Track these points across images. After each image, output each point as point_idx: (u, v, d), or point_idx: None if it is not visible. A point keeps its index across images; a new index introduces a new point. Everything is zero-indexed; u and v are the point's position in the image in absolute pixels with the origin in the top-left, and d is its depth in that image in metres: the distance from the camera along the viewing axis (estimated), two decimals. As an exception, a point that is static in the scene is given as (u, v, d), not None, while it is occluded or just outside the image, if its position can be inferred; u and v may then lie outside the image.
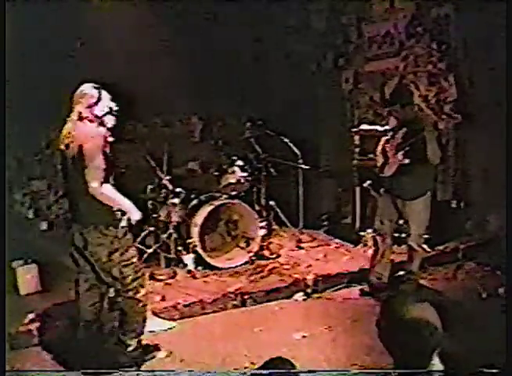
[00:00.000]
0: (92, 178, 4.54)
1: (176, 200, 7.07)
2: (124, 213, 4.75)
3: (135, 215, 4.82)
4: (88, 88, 4.74)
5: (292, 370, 2.83)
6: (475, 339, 4.89)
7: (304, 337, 5.55)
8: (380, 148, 6.18)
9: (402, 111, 5.95)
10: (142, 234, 7.05)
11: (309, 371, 3.00)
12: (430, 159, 5.79)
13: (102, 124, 4.73)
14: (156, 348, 5.24)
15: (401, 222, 6.40)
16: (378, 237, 6.42)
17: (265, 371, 2.82)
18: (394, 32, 8.00)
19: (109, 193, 4.63)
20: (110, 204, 4.65)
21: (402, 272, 6.57)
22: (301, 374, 2.91)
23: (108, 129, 4.75)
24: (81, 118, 4.67)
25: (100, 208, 4.64)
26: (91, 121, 4.68)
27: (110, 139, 4.69)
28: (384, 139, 6.16)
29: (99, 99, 4.74)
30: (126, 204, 4.77)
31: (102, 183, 4.56)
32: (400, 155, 5.88)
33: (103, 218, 4.71)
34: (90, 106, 4.69)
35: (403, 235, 6.43)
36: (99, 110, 4.73)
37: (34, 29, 6.65)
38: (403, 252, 6.67)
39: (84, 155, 4.52)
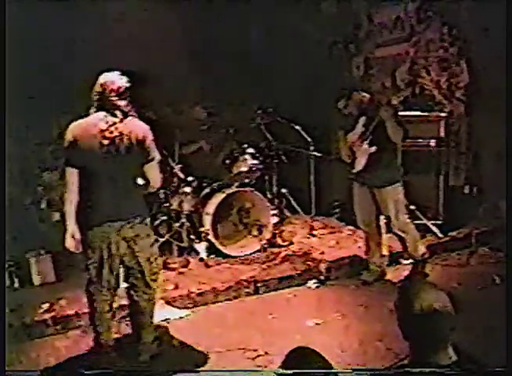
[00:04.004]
0: (158, 169, 4.72)
1: (188, 189, 7.09)
2: None
3: None
4: (118, 80, 4.62)
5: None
6: (489, 325, 4.89)
7: (317, 324, 5.57)
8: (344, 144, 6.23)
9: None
10: (155, 223, 7.08)
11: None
12: (392, 138, 5.81)
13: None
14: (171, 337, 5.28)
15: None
16: (364, 230, 6.51)
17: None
18: (404, 17, 7.95)
19: None
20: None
21: (408, 261, 6.59)
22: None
23: None
24: (126, 114, 4.61)
25: (143, 199, 4.78)
26: (133, 115, 4.66)
27: None
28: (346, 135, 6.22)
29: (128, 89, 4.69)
30: None
31: None
32: (365, 145, 5.93)
33: (146, 208, 4.85)
34: (130, 102, 4.64)
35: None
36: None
37: (43, 16, 6.64)
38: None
39: (149, 149, 4.61)
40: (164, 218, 7.21)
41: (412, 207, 6.86)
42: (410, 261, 6.52)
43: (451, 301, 2.74)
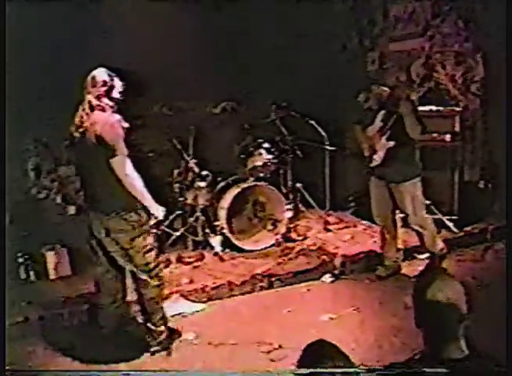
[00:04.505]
0: (122, 166, 4.56)
1: (203, 184, 7.10)
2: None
3: (158, 213, 4.82)
4: (99, 75, 4.66)
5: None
6: (503, 321, 4.87)
7: (331, 318, 5.58)
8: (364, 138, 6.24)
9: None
10: (170, 217, 7.10)
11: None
12: (410, 134, 5.80)
13: (115, 110, 4.69)
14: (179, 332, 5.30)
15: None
16: (380, 225, 6.50)
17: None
18: (419, 11, 7.91)
19: (136, 183, 4.62)
20: (134, 194, 4.63)
21: (423, 256, 6.58)
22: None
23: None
24: (92, 108, 4.62)
25: (121, 195, 4.62)
26: (103, 110, 4.62)
27: (126, 125, 4.65)
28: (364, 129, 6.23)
29: (112, 86, 4.68)
30: (148, 199, 4.72)
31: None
32: (384, 139, 5.93)
33: (124, 204, 4.67)
34: (101, 96, 4.62)
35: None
36: (111, 98, 4.67)
37: (43, 16, 6.63)
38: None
39: (110, 145, 4.50)
40: (179, 212, 7.24)
41: (427, 202, 6.84)
42: (426, 255, 6.51)
43: (466, 294, 2.73)
